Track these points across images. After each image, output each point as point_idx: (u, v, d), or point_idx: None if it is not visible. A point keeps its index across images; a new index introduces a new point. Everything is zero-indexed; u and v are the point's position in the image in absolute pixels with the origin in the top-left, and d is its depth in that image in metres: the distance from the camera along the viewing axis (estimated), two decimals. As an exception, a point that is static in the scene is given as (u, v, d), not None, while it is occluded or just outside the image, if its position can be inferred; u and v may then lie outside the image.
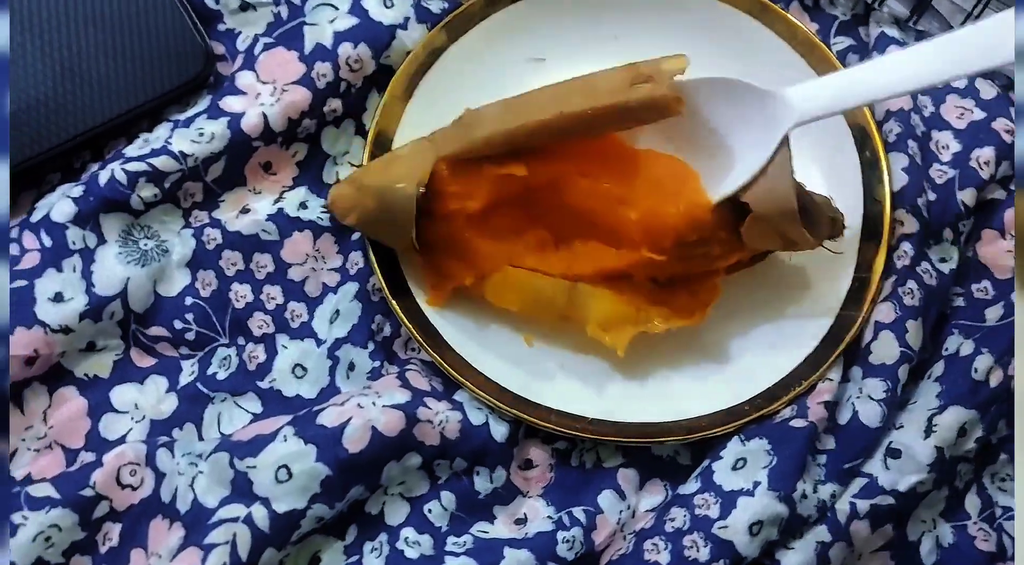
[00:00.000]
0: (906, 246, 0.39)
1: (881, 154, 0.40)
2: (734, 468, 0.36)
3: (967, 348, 0.38)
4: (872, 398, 0.37)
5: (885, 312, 0.38)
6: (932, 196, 0.40)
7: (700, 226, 0.36)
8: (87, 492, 0.34)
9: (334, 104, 0.41)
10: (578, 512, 0.37)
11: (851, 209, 0.40)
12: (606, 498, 0.38)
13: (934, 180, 0.40)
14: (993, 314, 0.39)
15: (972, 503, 0.39)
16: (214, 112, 0.39)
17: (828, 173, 0.41)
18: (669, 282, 0.39)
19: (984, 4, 0.42)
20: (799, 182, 0.36)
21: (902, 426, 0.38)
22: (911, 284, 0.38)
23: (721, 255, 0.38)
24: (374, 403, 0.36)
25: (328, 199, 0.39)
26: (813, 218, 0.36)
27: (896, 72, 0.34)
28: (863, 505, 0.36)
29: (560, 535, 0.36)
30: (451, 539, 0.36)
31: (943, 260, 0.39)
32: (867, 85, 0.35)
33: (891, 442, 0.37)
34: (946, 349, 0.39)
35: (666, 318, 0.38)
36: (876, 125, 0.41)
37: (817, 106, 0.36)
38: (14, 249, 0.37)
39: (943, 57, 0.33)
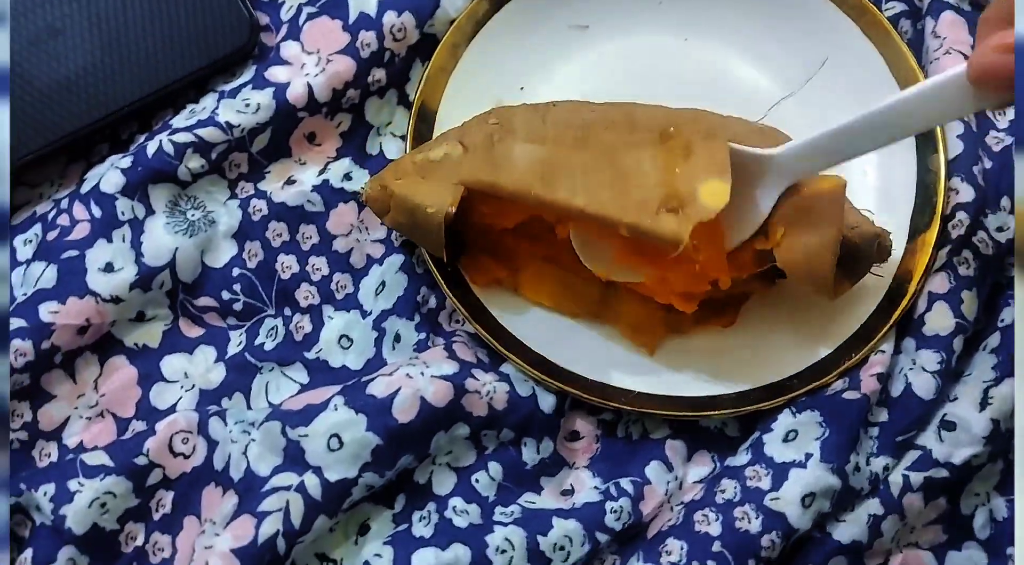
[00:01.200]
0: (961, 215, 0.38)
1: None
2: (785, 440, 0.36)
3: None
4: (926, 370, 0.37)
5: (939, 282, 0.37)
6: (988, 164, 0.39)
7: (733, 281, 0.36)
8: (141, 460, 0.35)
9: (378, 74, 0.41)
10: (625, 483, 0.37)
11: (905, 178, 0.39)
12: (653, 469, 0.37)
13: (990, 147, 0.39)
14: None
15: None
16: (260, 82, 0.39)
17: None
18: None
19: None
20: (854, 208, 0.36)
21: (956, 398, 0.37)
22: (966, 254, 0.38)
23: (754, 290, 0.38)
24: (422, 373, 0.36)
25: (362, 197, 0.39)
26: (854, 264, 0.36)
27: (881, 126, 0.32)
28: (916, 478, 0.36)
29: (608, 505, 0.36)
30: (499, 509, 0.36)
31: (1000, 229, 0.38)
32: (860, 140, 0.33)
33: (945, 414, 0.37)
34: (1002, 320, 0.38)
35: (696, 321, 0.38)
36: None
37: (808, 166, 0.35)
38: (64, 219, 0.38)
39: (928, 106, 0.31)
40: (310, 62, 0.40)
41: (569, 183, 0.35)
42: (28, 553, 0.34)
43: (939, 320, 0.37)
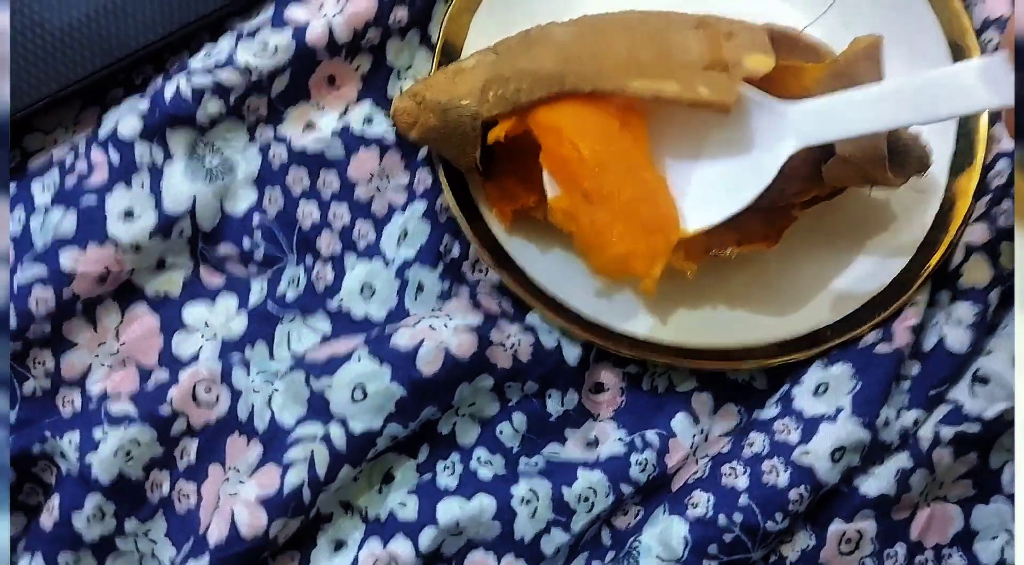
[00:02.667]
0: (1002, 164, 0.37)
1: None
2: (815, 393, 0.35)
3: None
4: (961, 323, 0.36)
5: (978, 233, 0.36)
6: (1033, 110, 0.37)
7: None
8: (164, 409, 0.35)
9: (399, 13, 0.39)
10: (651, 435, 0.37)
11: (943, 126, 0.38)
12: (679, 422, 0.37)
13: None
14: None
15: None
16: (278, 22, 0.38)
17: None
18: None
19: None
20: None
21: (991, 352, 0.36)
22: (1006, 204, 0.36)
23: (799, 192, 0.36)
24: (446, 325, 0.35)
25: (391, 111, 0.38)
26: (900, 159, 0.34)
27: (922, 100, 0.30)
28: (947, 432, 0.35)
29: (633, 457, 0.36)
30: (523, 460, 0.36)
31: (1043, 178, 0.37)
32: (875, 114, 0.31)
33: (979, 369, 0.36)
34: (1041, 272, 0.37)
35: (738, 242, 0.37)
36: (975, 33, 0.38)
37: (821, 131, 0.32)
38: (81, 165, 0.37)
39: (977, 85, 0.29)
40: (329, 2, 0.38)
41: (613, 58, 0.34)
42: (55, 500, 0.34)
43: (976, 272, 0.36)
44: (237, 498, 0.33)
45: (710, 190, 0.34)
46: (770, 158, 0.33)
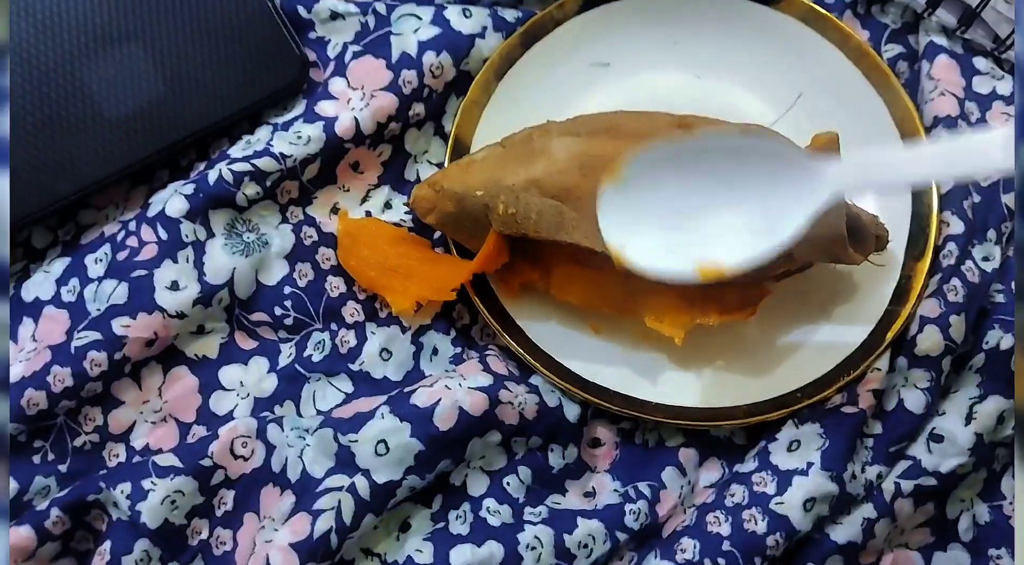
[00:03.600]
0: (951, 246, 0.42)
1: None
2: (789, 449, 0.40)
3: (1006, 342, 0.41)
4: (917, 387, 0.40)
5: (930, 307, 0.41)
6: (977, 198, 0.42)
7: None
8: (206, 462, 0.38)
9: (418, 108, 0.44)
10: (643, 486, 0.41)
11: (900, 211, 0.43)
12: (668, 474, 0.41)
13: (979, 184, 0.43)
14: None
15: (1008, 485, 0.42)
16: (310, 116, 0.43)
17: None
18: (721, 282, 0.41)
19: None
20: (847, 203, 0.38)
21: (944, 413, 0.41)
22: (955, 282, 0.41)
23: (772, 267, 0.40)
24: (460, 385, 0.39)
25: (410, 198, 0.42)
26: (860, 237, 0.39)
27: (936, 163, 0.33)
28: (907, 485, 0.39)
29: (627, 507, 0.40)
30: (528, 509, 0.40)
31: (986, 259, 0.42)
32: (907, 170, 0.33)
33: (934, 428, 0.40)
34: (986, 342, 0.41)
35: (719, 313, 0.41)
36: (924, 130, 0.43)
37: (855, 184, 0.35)
38: (132, 241, 0.41)
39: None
40: (356, 97, 0.43)
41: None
42: (107, 545, 0.37)
43: (930, 342, 0.40)
44: (272, 545, 0.37)
45: (741, 234, 0.35)
46: (801, 209, 0.34)
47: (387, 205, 0.44)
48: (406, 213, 0.44)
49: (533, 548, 0.38)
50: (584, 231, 0.39)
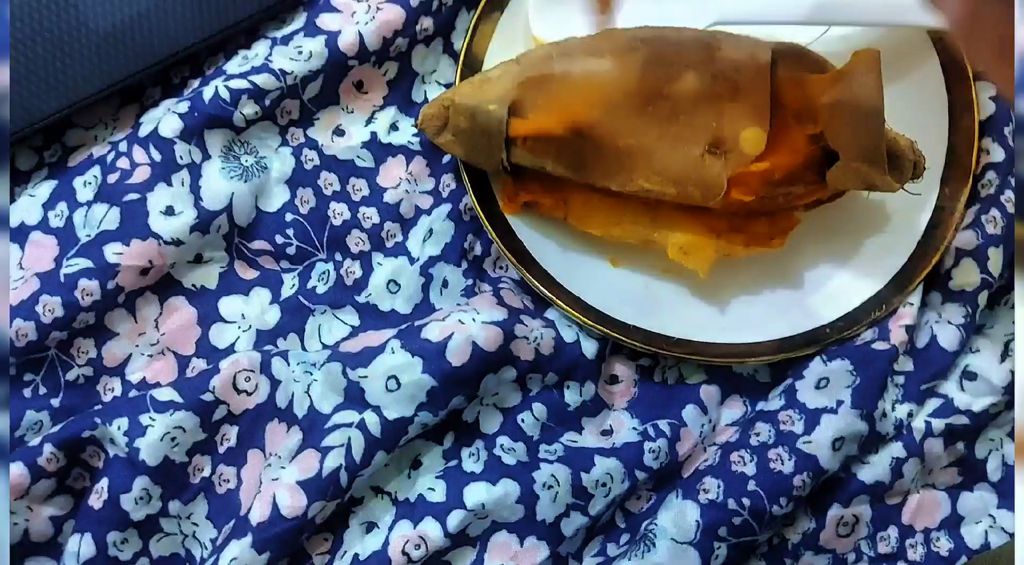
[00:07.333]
0: (991, 175, 0.39)
1: (970, 82, 0.40)
2: (817, 387, 0.38)
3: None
4: (951, 322, 0.39)
5: (967, 239, 0.39)
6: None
7: (786, 176, 0.37)
8: (207, 396, 0.36)
9: (426, 23, 0.41)
10: (663, 424, 0.39)
11: (936, 138, 0.41)
12: (689, 412, 0.40)
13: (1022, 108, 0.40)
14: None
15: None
16: (311, 30, 0.40)
17: (914, 102, 0.41)
18: (749, 212, 0.40)
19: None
20: (887, 127, 0.36)
21: (978, 350, 0.39)
22: (994, 212, 0.39)
23: (804, 194, 0.38)
24: (474, 319, 0.37)
25: (419, 118, 0.40)
26: (897, 163, 0.37)
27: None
28: (938, 424, 0.38)
29: (646, 445, 0.38)
30: (543, 447, 0.38)
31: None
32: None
33: (967, 365, 0.39)
34: (1025, 277, 0.40)
35: (746, 244, 0.39)
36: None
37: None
38: (124, 162, 0.39)
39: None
40: (360, 9, 0.40)
41: (625, 145, 0.37)
42: (104, 482, 0.35)
43: (966, 276, 0.39)
44: (279, 482, 0.35)
45: None
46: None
47: (393, 127, 0.42)
48: (414, 135, 0.42)
49: (550, 487, 0.37)
50: (603, 170, 0.38)
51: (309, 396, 0.37)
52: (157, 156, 0.38)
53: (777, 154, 0.37)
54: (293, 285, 0.40)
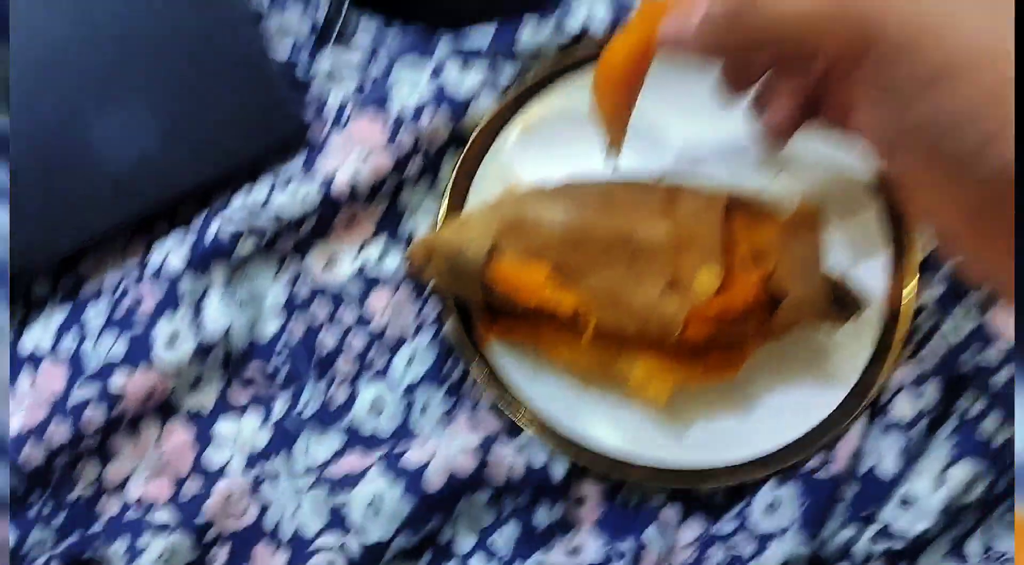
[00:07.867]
0: (930, 309, 0.43)
1: (911, 223, 0.44)
2: (767, 510, 0.41)
3: (976, 408, 0.42)
4: (890, 452, 0.42)
5: (907, 372, 0.42)
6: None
7: (738, 314, 0.40)
8: (200, 520, 0.39)
9: (414, 167, 0.45)
10: (625, 545, 0.42)
11: (879, 273, 0.44)
12: (650, 534, 0.42)
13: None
14: (1001, 378, 0.43)
15: (972, 548, 0.43)
16: (308, 173, 0.44)
17: (856, 239, 0.45)
18: (706, 344, 0.43)
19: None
20: (827, 274, 0.40)
21: (915, 477, 0.42)
22: (931, 346, 0.42)
23: (755, 332, 0.42)
24: (450, 446, 0.40)
25: (406, 255, 0.43)
26: (842, 302, 0.41)
27: None
28: (878, 548, 0.41)
29: (610, 565, 0.41)
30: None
31: (956, 329, 0.43)
32: None
33: (905, 492, 0.42)
34: (959, 408, 0.43)
35: (702, 374, 0.43)
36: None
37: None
38: (132, 295, 0.42)
39: None
40: (354, 156, 0.44)
41: (591, 284, 0.41)
42: (103, 601, 0.38)
43: (904, 407, 0.42)
44: (266, 601, 0.38)
45: None
46: None
47: (381, 258, 0.45)
48: (402, 263, 0.45)
49: (520, 605, 0.39)
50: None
51: (295, 520, 0.39)
52: (163, 289, 0.42)
53: (730, 293, 0.41)
54: (283, 408, 0.43)
